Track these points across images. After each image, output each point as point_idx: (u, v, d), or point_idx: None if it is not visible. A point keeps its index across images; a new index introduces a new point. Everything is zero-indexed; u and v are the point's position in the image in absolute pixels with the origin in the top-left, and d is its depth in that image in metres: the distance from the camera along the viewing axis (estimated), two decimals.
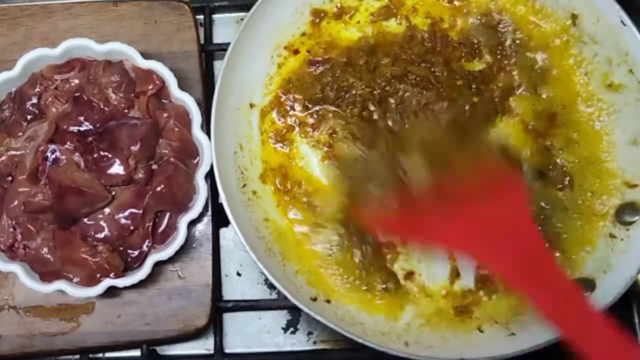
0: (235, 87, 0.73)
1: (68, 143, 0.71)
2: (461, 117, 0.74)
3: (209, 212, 0.75)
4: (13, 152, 0.72)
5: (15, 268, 0.69)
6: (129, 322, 0.73)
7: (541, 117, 0.76)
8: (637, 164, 0.71)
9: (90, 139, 0.71)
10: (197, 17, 0.82)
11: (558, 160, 0.74)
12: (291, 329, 0.78)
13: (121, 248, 0.71)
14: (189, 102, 0.74)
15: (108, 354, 0.76)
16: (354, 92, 0.75)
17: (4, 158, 0.72)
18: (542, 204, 0.73)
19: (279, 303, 0.77)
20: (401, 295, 0.71)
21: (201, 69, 0.79)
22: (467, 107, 0.74)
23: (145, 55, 0.74)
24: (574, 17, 0.76)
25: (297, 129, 0.76)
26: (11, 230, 0.71)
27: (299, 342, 0.78)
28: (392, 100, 0.74)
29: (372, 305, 0.71)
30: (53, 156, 0.71)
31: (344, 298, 0.71)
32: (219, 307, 0.75)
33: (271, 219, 0.73)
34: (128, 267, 0.71)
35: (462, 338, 0.69)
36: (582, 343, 0.54)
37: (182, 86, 0.74)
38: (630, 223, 0.70)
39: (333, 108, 0.75)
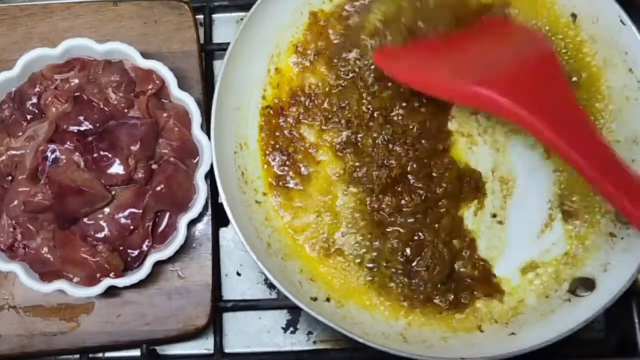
0: (235, 87, 0.73)
1: (68, 143, 0.71)
2: None
3: (209, 212, 0.75)
4: (13, 152, 0.72)
5: (16, 268, 0.69)
6: (129, 322, 0.73)
7: None
8: (638, 163, 0.71)
9: (90, 139, 0.71)
10: (197, 17, 0.82)
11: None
12: (291, 329, 0.78)
13: (121, 248, 0.71)
14: (189, 102, 0.74)
15: (108, 354, 0.76)
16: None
17: (4, 158, 0.72)
18: None
19: (279, 303, 0.77)
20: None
21: (201, 69, 0.79)
22: None
23: (145, 55, 0.74)
24: (573, 16, 0.76)
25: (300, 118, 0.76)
26: (11, 230, 0.71)
27: (299, 342, 0.78)
28: None
29: (373, 304, 0.71)
30: (53, 156, 0.71)
31: (344, 298, 0.71)
32: (219, 307, 0.75)
33: (271, 219, 0.73)
34: (128, 267, 0.71)
35: (462, 338, 0.69)
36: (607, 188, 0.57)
37: (182, 86, 0.74)
38: (631, 222, 0.70)
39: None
